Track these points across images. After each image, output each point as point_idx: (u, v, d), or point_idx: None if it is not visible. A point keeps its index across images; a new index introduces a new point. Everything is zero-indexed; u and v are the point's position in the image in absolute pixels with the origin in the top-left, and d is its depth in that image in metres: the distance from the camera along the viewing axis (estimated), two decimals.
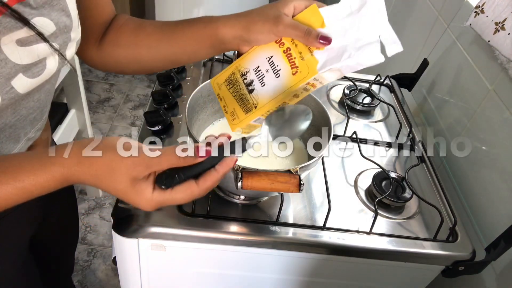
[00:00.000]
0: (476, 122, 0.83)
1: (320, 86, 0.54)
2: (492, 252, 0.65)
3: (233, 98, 0.56)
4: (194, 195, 0.46)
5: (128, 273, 0.72)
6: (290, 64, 0.51)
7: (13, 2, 0.43)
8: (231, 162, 0.47)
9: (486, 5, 0.77)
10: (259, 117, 0.55)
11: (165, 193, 0.45)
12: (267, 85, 0.53)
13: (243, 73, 0.55)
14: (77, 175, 0.43)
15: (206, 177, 0.46)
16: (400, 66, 1.23)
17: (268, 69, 0.53)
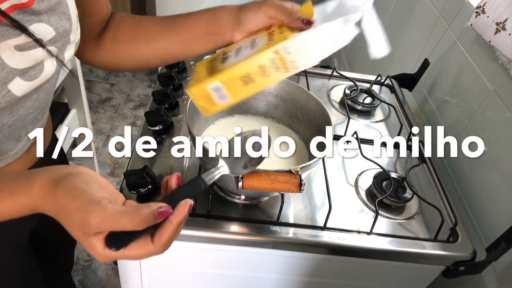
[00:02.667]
0: (477, 122, 0.83)
1: (294, 70, 0.50)
2: (493, 252, 0.65)
3: (205, 69, 0.54)
4: (150, 253, 0.41)
5: (128, 273, 0.72)
6: (268, 39, 0.51)
7: (12, 10, 0.43)
8: (185, 208, 0.41)
9: (487, 5, 0.77)
10: (219, 84, 0.51)
11: (115, 253, 0.40)
12: (240, 57, 0.52)
13: (226, 52, 0.55)
14: (43, 207, 0.41)
15: (160, 233, 0.40)
16: (400, 66, 1.23)
17: (247, 46, 0.52)
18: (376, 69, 1.41)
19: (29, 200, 0.41)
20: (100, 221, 0.37)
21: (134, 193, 0.63)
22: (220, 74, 0.50)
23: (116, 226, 0.38)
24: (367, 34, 0.51)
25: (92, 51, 0.63)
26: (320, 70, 1.05)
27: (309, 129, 0.72)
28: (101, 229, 0.38)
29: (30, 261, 0.76)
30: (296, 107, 0.74)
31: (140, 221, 0.38)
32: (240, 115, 0.77)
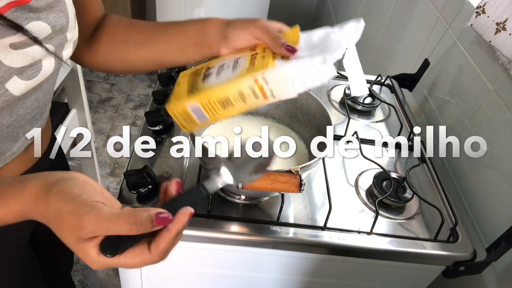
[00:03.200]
0: (477, 123, 0.83)
1: (272, 99, 0.50)
2: (493, 252, 0.65)
3: (186, 83, 0.54)
4: (146, 262, 0.39)
5: (128, 273, 0.72)
6: (250, 63, 0.51)
7: (9, 7, 0.43)
8: (185, 217, 0.39)
9: (487, 5, 0.77)
10: (197, 105, 0.51)
11: (108, 260, 0.38)
12: (221, 77, 0.51)
13: (209, 67, 0.55)
14: (33, 213, 0.40)
15: (158, 241, 0.38)
16: (401, 66, 1.23)
17: (229, 66, 0.52)
18: (376, 69, 1.41)
19: (20, 206, 0.40)
20: (94, 223, 0.36)
21: (134, 193, 0.63)
22: (199, 94, 0.50)
23: (111, 229, 0.36)
24: (348, 73, 0.52)
25: (84, 52, 0.63)
26: None
27: (309, 129, 0.72)
28: (95, 232, 0.37)
29: (31, 262, 0.76)
30: (296, 107, 0.74)
31: (136, 223, 0.36)
32: (240, 115, 0.77)
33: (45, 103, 0.58)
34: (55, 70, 0.53)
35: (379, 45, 1.42)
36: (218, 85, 0.50)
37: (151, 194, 0.64)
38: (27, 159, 0.62)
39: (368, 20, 1.57)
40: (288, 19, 0.53)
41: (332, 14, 2.15)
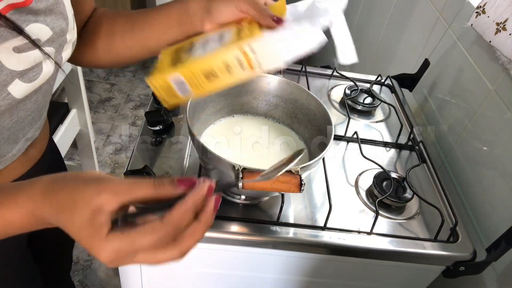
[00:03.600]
0: (477, 123, 0.83)
1: (259, 70, 0.49)
2: (493, 252, 0.65)
3: (169, 58, 0.53)
4: (156, 231, 0.35)
5: (128, 273, 0.72)
6: (236, 34, 0.50)
7: (7, 10, 0.42)
8: (203, 187, 0.37)
9: (487, 5, 0.77)
10: (180, 78, 0.49)
11: (119, 235, 0.34)
12: (206, 50, 0.50)
13: (193, 42, 0.54)
14: (42, 208, 0.38)
15: (171, 210, 0.35)
16: (401, 66, 1.23)
17: (215, 39, 0.51)
18: (377, 69, 1.41)
19: (28, 201, 0.38)
20: (116, 184, 0.35)
21: None
22: (183, 66, 0.49)
23: (131, 192, 0.35)
24: (336, 40, 0.51)
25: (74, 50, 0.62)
26: (320, 70, 1.05)
27: (310, 129, 0.72)
28: (118, 195, 0.35)
29: (29, 262, 0.76)
30: (297, 107, 0.74)
31: (156, 184, 0.35)
32: (240, 115, 0.77)
33: (44, 104, 0.58)
34: (55, 72, 0.53)
35: (379, 45, 1.42)
36: (203, 57, 0.48)
37: None
38: (26, 161, 0.62)
39: (368, 20, 1.57)
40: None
41: None
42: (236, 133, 0.73)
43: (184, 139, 0.76)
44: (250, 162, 0.68)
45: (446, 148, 0.92)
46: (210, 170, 0.63)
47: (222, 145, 0.70)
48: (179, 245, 0.36)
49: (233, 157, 0.68)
